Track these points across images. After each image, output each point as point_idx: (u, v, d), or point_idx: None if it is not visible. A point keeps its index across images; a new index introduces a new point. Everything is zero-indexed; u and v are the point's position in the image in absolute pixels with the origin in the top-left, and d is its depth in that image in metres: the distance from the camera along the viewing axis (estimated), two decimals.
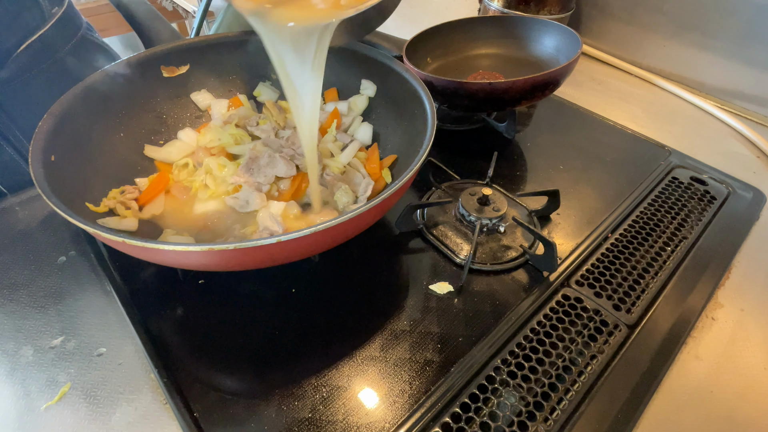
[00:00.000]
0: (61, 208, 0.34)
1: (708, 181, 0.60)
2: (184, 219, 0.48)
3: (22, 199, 0.55)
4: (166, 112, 0.58)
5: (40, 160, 0.39)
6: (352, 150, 0.55)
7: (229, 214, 0.49)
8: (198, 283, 0.46)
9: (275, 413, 0.36)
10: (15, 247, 0.49)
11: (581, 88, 0.81)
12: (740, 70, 0.75)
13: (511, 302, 0.45)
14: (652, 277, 0.48)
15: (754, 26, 0.71)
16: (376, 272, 0.48)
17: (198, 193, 0.50)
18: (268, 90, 0.62)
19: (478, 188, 0.52)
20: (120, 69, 0.51)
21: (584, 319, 0.43)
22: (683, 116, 0.75)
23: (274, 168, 0.50)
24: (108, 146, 0.50)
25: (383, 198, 0.36)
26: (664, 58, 0.83)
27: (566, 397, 0.38)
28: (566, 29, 0.67)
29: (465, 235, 0.51)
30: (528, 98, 0.58)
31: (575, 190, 0.58)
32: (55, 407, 0.37)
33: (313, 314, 0.44)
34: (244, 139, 0.56)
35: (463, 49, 0.74)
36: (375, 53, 0.57)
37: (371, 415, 0.36)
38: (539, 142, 0.67)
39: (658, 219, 0.54)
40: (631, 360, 0.41)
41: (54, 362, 0.40)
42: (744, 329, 0.44)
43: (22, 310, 0.44)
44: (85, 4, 1.57)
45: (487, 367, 0.39)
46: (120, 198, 0.47)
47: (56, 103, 0.44)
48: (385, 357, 0.40)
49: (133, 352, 0.40)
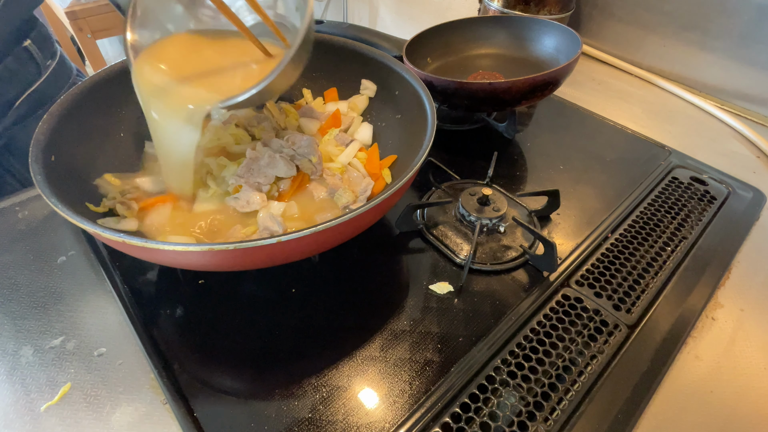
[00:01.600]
0: (61, 208, 0.34)
1: (708, 181, 0.60)
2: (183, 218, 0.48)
3: (22, 199, 0.55)
4: None
5: (40, 160, 0.39)
6: (352, 150, 0.55)
7: (230, 214, 0.49)
8: (198, 283, 0.46)
9: (275, 413, 0.36)
10: (15, 247, 0.49)
11: (581, 88, 0.81)
12: (740, 70, 0.75)
13: (511, 302, 0.45)
14: (652, 277, 0.48)
15: (754, 26, 0.71)
16: (376, 272, 0.48)
17: (198, 193, 0.50)
18: None
19: (478, 188, 0.52)
20: (120, 69, 0.51)
21: (584, 319, 0.43)
22: (683, 116, 0.75)
23: (275, 168, 0.50)
24: (108, 146, 0.50)
25: (383, 198, 0.36)
26: (664, 58, 0.83)
27: (566, 397, 0.38)
28: (566, 29, 0.67)
29: (465, 235, 0.51)
30: (528, 98, 0.58)
31: (575, 190, 0.58)
32: (55, 407, 0.37)
33: (313, 314, 0.44)
34: (244, 139, 0.56)
35: (463, 49, 0.74)
36: (375, 53, 0.57)
37: (371, 415, 0.36)
38: (539, 142, 0.67)
39: (658, 219, 0.54)
40: (631, 360, 0.41)
41: (54, 362, 0.40)
42: (744, 329, 0.44)
43: (22, 310, 0.44)
44: (85, 4, 1.57)
45: (487, 367, 0.40)
46: (120, 198, 0.47)
47: (56, 104, 0.44)
48: (385, 357, 0.40)
49: (133, 352, 0.40)
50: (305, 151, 0.53)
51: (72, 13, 1.55)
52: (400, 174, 0.42)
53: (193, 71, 0.44)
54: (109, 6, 0.82)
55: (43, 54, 0.68)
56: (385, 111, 0.58)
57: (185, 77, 0.44)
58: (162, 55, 0.45)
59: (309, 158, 0.53)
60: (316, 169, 0.52)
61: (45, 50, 0.69)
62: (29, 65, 0.66)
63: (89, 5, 1.57)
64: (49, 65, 0.70)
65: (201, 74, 0.44)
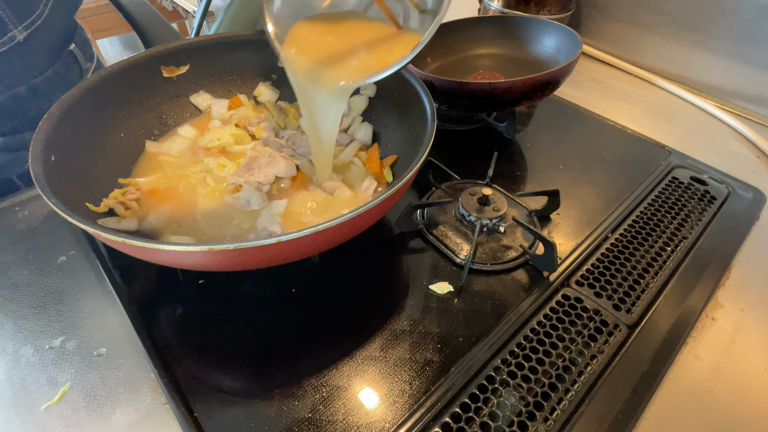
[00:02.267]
0: (61, 208, 0.34)
1: (708, 181, 0.60)
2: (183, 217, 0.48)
3: (22, 199, 0.55)
4: (166, 112, 0.58)
5: (40, 160, 0.39)
6: (352, 150, 0.55)
7: (230, 212, 0.48)
8: (198, 283, 0.46)
9: (275, 413, 0.36)
10: (15, 247, 0.49)
11: (581, 88, 0.81)
12: (740, 70, 0.75)
13: (511, 302, 0.45)
14: (652, 277, 0.48)
15: (754, 26, 0.71)
16: (376, 272, 0.48)
17: (198, 190, 0.50)
18: (268, 90, 0.62)
19: (478, 188, 0.52)
20: (120, 69, 0.51)
21: (584, 319, 0.43)
22: (683, 116, 0.75)
23: (275, 168, 0.50)
24: (108, 146, 0.50)
25: (383, 198, 0.36)
26: (664, 58, 0.83)
27: (566, 397, 0.38)
28: (566, 29, 0.67)
29: (465, 235, 0.51)
30: (528, 98, 0.58)
31: (575, 190, 0.58)
32: (55, 407, 0.37)
33: (313, 314, 0.44)
34: (244, 139, 0.56)
35: (463, 49, 0.74)
36: None
37: (371, 415, 0.36)
38: (539, 142, 0.67)
39: (658, 219, 0.54)
40: (631, 360, 0.41)
41: (54, 362, 0.40)
42: (744, 329, 0.44)
43: (22, 310, 0.44)
44: (85, 4, 1.57)
45: (487, 367, 0.39)
46: (120, 198, 0.47)
47: (56, 104, 0.44)
48: (385, 357, 0.40)
49: (133, 352, 0.40)
50: (305, 151, 0.53)
51: None
52: (400, 174, 0.42)
53: (332, 51, 0.49)
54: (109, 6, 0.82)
55: (85, 56, 0.69)
56: (385, 111, 0.58)
57: (328, 57, 0.48)
58: (301, 41, 0.49)
59: (309, 158, 0.53)
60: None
61: (86, 53, 0.70)
62: (74, 68, 0.67)
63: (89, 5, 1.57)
64: (89, 68, 0.71)
65: (340, 54, 0.48)
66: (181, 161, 0.54)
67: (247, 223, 0.47)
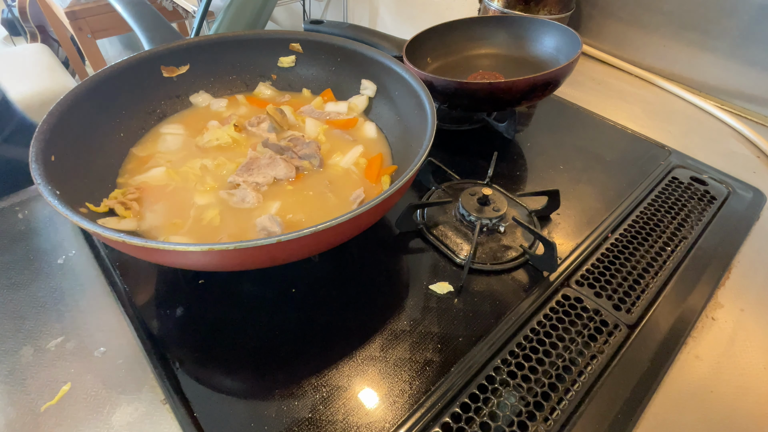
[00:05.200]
0: (61, 208, 0.34)
1: (708, 181, 0.60)
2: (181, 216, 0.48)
3: (22, 199, 0.55)
4: (166, 112, 0.58)
5: (40, 160, 0.39)
6: (354, 155, 0.54)
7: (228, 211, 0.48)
8: (198, 283, 0.46)
9: (275, 413, 0.36)
10: (15, 247, 0.49)
11: (581, 88, 0.81)
12: (740, 70, 0.75)
13: (511, 302, 0.45)
14: (652, 277, 0.48)
15: (754, 26, 0.71)
16: (376, 272, 0.48)
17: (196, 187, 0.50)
18: (268, 90, 0.62)
19: (478, 188, 0.52)
20: (120, 69, 0.51)
21: (584, 319, 0.43)
22: (683, 116, 0.75)
23: (274, 169, 0.50)
24: (108, 146, 0.50)
25: (383, 198, 0.36)
26: (664, 58, 0.83)
27: (566, 397, 0.38)
28: (566, 29, 0.67)
29: (465, 235, 0.51)
30: (528, 98, 0.58)
31: (575, 190, 0.58)
32: (55, 407, 0.37)
33: (313, 314, 0.44)
34: (244, 139, 0.56)
35: (463, 49, 0.74)
36: (375, 53, 0.57)
37: (371, 415, 0.36)
38: (539, 142, 0.67)
39: (658, 219, 0.54)
40: (631, 360, 0.41)
41: (54, 362, 0.40)
42: (744, 329, 0.44)
43: (22, 310, 0.44)
44: (85, 4, 1.57)
45: (487, 367, 0.39)
46: (120, 198, 0.47)
47: (56, 104, 0.44)
48: (385, 357, 0.40)
49: (133, 352, 0.40)
50: (307, 153, 0.53)
51: (72, 13, 1.55)
52: (400, 174, 0.42)
53: None
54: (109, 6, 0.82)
55: None
56: (385, 111, 0.58)
57: None
58: None
59: (310, 161, 0.53)
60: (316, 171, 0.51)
61: None
62: None
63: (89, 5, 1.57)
64: None
65: None
66: (181, 161, 0.54)
67: (244, 219, 0.47)
